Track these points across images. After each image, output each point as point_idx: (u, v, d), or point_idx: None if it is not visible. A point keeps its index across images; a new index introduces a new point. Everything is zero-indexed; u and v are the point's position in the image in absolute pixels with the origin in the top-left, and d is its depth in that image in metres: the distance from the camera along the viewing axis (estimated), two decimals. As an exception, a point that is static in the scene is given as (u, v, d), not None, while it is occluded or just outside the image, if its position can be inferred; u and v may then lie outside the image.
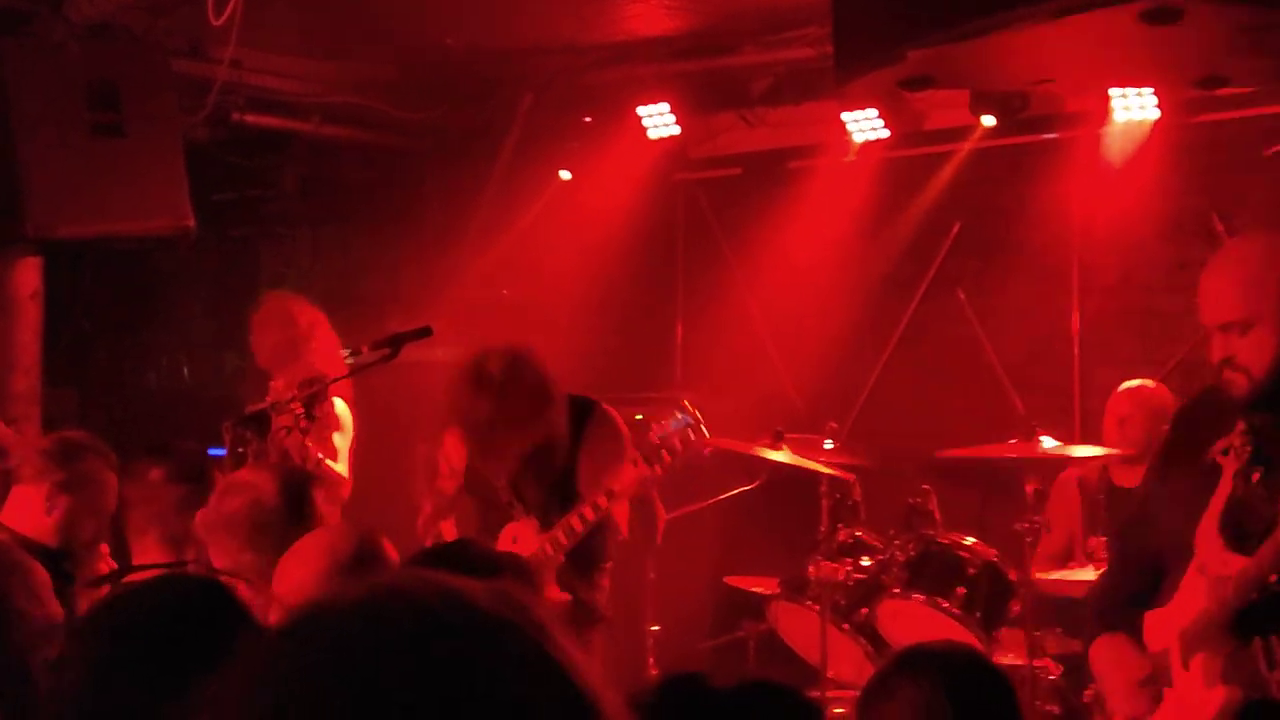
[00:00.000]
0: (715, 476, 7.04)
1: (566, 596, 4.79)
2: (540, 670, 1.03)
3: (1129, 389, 6.20)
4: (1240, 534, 3.23)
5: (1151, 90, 6.82)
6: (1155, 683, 3.27)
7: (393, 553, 3.09)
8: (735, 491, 6.90)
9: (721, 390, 8.15)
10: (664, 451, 4.70)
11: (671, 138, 8.21)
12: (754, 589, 6.38)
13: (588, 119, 8.28)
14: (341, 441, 6.00)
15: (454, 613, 1.03)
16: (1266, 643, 3.16)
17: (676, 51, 7.72)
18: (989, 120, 7.16)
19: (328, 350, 6.01)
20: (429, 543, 5.27)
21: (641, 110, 8.09)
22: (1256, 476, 3.24)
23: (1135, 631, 3.39)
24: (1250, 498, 3.22)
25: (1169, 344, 7.17)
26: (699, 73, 7.85)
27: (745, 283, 8.46)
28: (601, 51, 7.80)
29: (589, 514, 4.71)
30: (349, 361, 5.80)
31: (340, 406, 6.00)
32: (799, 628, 6.14)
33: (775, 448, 6.14)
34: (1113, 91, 6.87)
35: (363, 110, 8.21)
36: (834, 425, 6.82)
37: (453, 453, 5.28)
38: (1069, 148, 7.40)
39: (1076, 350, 7.38)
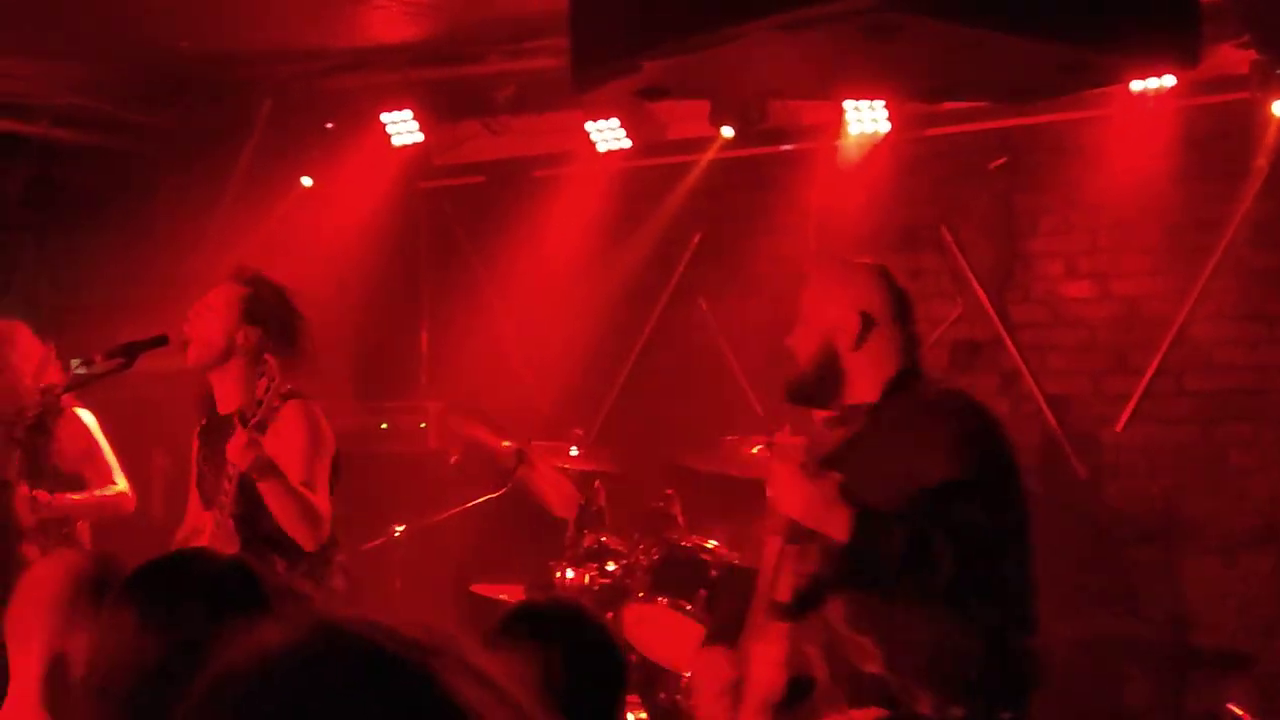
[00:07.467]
0: (461, 484, 7.03)
1: None
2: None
3: None
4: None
5: (883, 104, 7.05)
6: (738, 690, 3.43)
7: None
8: (482, 499, 6.88)
9: (467, 398, 8.14)
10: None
11: (415, 145, 8.16)
12: (500, 596, 6.36)
13: (329, 125, 8.17)
14: (110, 455, 5.84)
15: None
16: (805, 623, 3.39)
17: (419, 58, 7.68)
18: (728, 131, 7.30)
19: (52, 376, 5.78)
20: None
21: (385, 117, 8.02)
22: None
23: (736, 645, 3.56)
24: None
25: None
26: (443, 80, 7.82)
27: (491, 290, 8.46)
28: (343, 57, 7.71)
29: (230, 472, 4.53)
30: (80, 371, 5.62)
31: (87, 417, 5.82)
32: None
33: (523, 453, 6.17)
34: (846, 105, 7.08)
35: (94, 113, 7.95)
36: (579, 432, 6.86)
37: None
38: (806, 159, 7.59)
39: (814, 357, 7.56)
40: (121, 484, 5.85)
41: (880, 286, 3.62)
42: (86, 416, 5.82)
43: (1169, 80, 6.45)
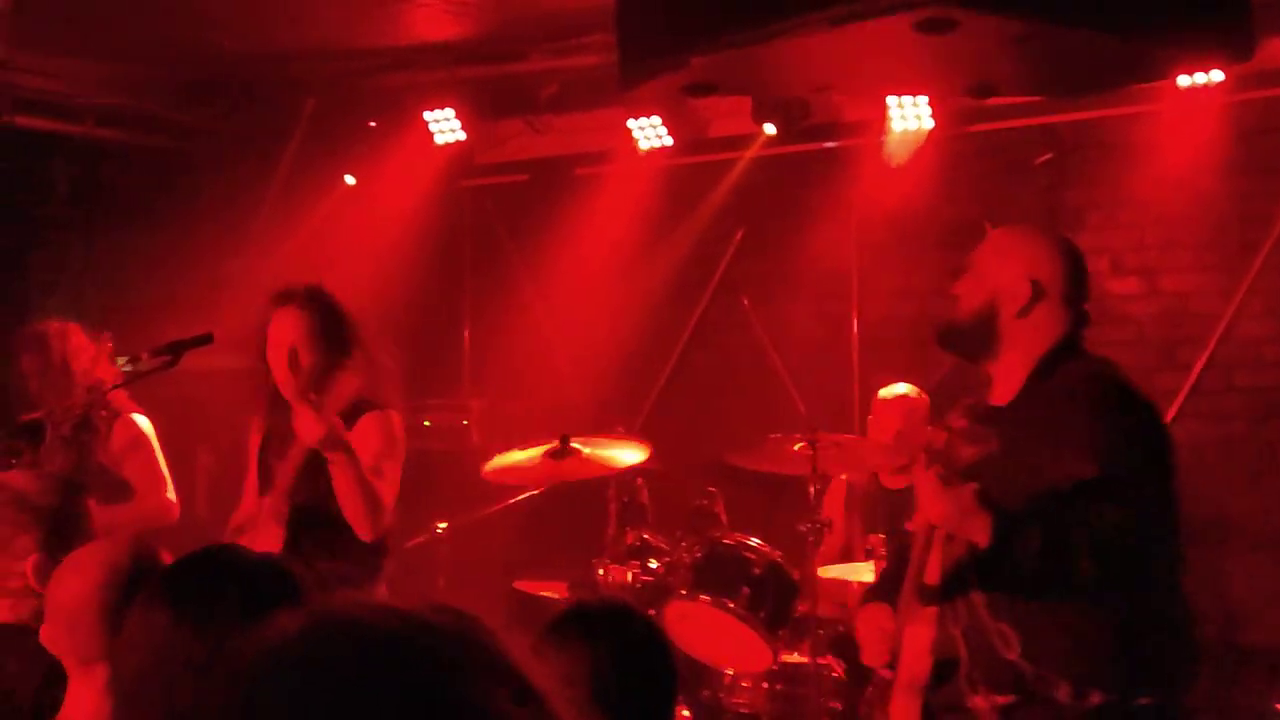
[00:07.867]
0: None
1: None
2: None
3: (898, 398, 6.30)
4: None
5: (926, 100, 7.02)
6: (896, 653, 3.59)
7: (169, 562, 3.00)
8: (524, 496, 6.88)
9: (510, 395, 8.16)
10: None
11: (458, 143, 8.18)
12: (543, 594, 6.37)
13: (372, 124, 8.20)
14: (163, 465, 5.80)
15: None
16: (951, 606, 3.48)
17: (462, 57, 7.69)
18: (770, 128, 7.28)
19: (101, 374, 5.79)
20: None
21: (428, 115, 8.04)
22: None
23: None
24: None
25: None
26: (485, 79, 7.83)
27: (533, 288, 8.47)
28: (386, 55, 7.73)
29: (294, 453, 4.61)
30: (126, 370, 5.62)
31: (144, 424, 5.78)
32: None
33: (563, 452, 6.17)
34: (890, 101, 7.05)
35: (138, 113, 8.00)
36: (622, 429, 6.86)
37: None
38: (849, 156, 7.56)
39: (856, 354, 7.54)
40: (169, 495, 5.81)
41: (1060, 259, 3.56)
42: (143, 423, 5.78)
43: (1216, 75, 6.39)
